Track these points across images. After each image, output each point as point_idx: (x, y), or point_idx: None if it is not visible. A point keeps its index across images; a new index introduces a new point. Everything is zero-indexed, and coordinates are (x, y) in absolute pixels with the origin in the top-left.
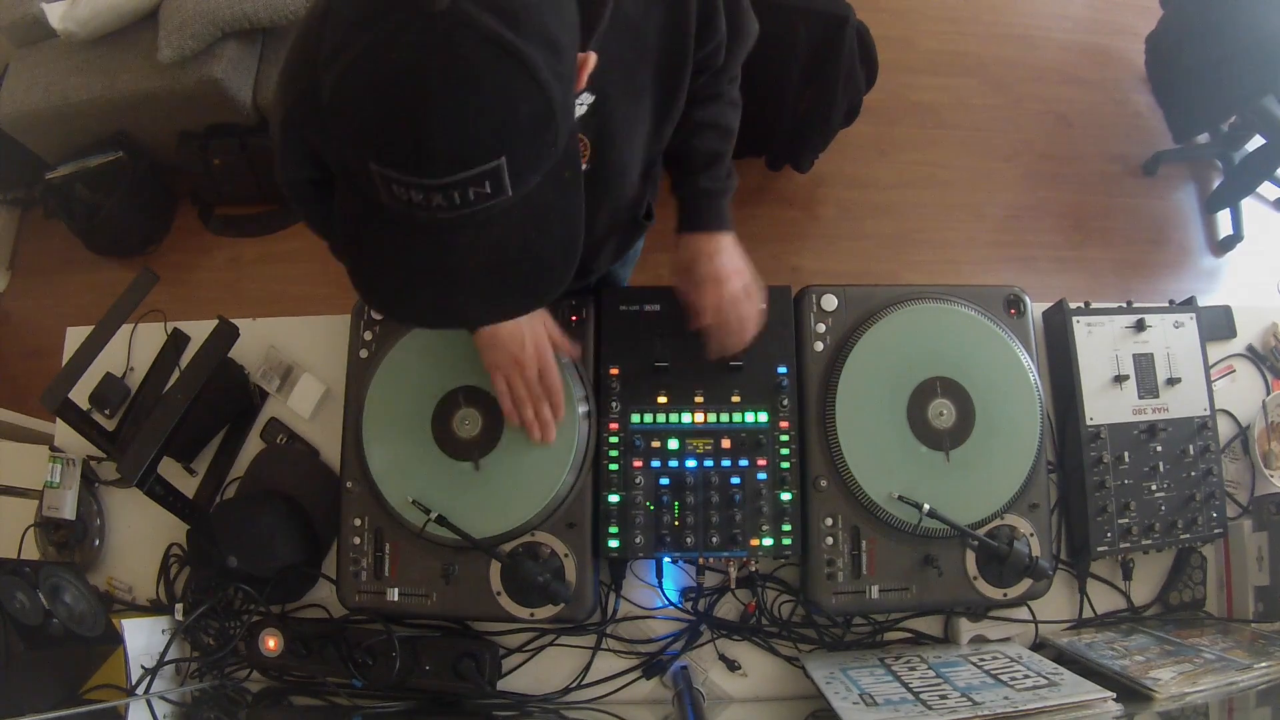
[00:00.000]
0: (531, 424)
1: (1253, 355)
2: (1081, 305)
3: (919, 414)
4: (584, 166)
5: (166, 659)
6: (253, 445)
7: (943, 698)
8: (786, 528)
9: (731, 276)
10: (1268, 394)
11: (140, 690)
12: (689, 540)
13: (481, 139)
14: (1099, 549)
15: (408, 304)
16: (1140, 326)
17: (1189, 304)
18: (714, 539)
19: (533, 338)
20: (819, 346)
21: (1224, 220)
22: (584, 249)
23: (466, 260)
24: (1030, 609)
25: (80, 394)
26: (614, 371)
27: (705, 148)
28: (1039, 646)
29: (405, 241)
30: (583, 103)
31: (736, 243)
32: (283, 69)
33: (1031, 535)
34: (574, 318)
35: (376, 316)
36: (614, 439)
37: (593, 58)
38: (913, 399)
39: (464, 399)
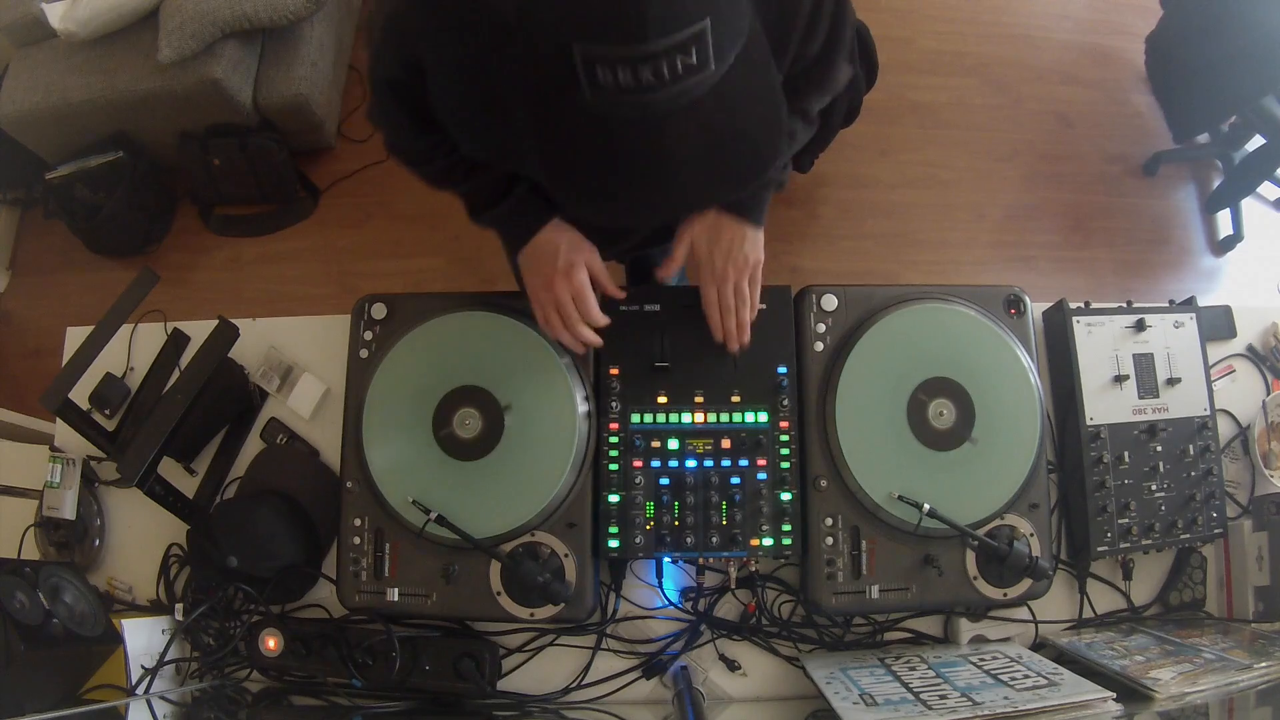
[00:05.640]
0: (571, 343)
1: (1253, 355)
2: (1081, 305)
3: (919, 414)
4: None
5: (166, 659)
6: (253, 445)
7: (943, 698)
8: (786, 528)
9: (732, 272)
10: (1268, 394)
11: (140, 690)
12: (689, 540)
13: (689, 2)
14: (1099, 549)
15: (622, 200)
16: (1140, 326)
17: (1189, 304)
18: (714, 539)
19: (566, 268)
20: (819, 346)
21: (1224, 220)
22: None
23: (679, 148)
24: (1030, 609)
25: (80, 394)
26: (614, 371)
27: None
28: (1039, 646)
29: (614, 141)
30: None
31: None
32: None
33: (1031, 535)
34: None
35: (377, 316)
36: (614, 439)
37: None
38: (913, 399)
39: (464, 399)
